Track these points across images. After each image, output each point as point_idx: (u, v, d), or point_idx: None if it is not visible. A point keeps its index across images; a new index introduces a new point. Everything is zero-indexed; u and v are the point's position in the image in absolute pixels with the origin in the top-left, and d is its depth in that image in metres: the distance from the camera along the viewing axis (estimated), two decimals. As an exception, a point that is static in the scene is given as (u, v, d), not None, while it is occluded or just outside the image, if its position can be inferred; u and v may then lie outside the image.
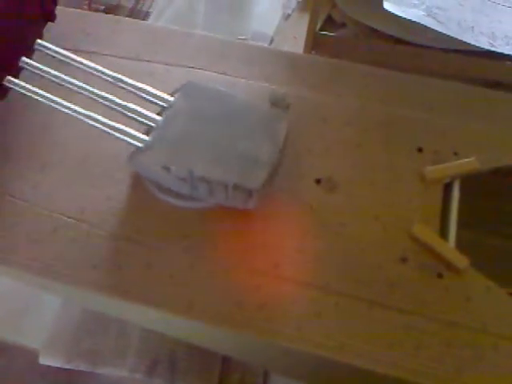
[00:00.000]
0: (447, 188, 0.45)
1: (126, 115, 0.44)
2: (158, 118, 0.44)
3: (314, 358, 0.40)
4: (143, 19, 0.91)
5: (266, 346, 0.41)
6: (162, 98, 0.45)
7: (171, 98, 0.45)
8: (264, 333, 0.39)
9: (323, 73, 0.54)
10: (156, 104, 0.45)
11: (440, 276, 0.40)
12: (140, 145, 0.42)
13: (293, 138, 0.48)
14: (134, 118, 0.44)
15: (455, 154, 0.46)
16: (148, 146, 0.42)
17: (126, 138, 0.43)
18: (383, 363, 0.38)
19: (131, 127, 0.44)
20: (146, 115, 0.44)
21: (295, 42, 0.86)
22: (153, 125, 0.43)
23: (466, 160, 0.45)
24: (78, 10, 0.58)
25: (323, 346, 0.38)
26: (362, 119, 0.50)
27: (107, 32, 0.55)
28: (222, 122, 0.42)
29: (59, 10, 0.54)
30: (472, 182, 0.46)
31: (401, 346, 0.38)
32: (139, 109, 0.44)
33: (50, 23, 0.53)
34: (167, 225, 0.42)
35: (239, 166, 0.40)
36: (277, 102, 0.43)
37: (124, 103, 0.45)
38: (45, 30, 0.52)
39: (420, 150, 0.47)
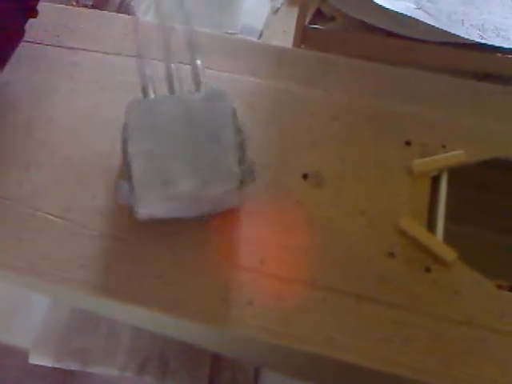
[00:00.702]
0: (435, 181, 0.45)
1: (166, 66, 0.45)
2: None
3: (303, 354, 0.39)
4: (132, 13, 0.90)
5: (254, 342, 0.41)
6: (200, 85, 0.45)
7: (203, 91, 0.44)
8: (251, 329, 0.39)
9: (311, 67, 0.54)
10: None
11: (428, 270, 0.40)
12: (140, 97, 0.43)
13: (280, 132, 0.48)
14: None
15: (443, 146, 0.46)
16: (135, 103, 0.42)
17: (143, 81, 0.44)
18: (372, 358, 0.38)
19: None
20: (173, 81, 0.44)
21: (284, 35, 0.86)
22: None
23: (454, 153, 0.45)
24: (61, 6, 0.57)
25: (311, 342, 0.38)
26: (350, 113, 0.50)
27: (91, 27, 0.55)
28: (193, 142, 0.41)
29: (42, 5, 0.53)
30: (460, 175, 0.45)
31: (389, 340, 0.38)
32: (174, 73, 0.45)
33: (32, 19, 0.52)
34: (153, 223, 0.42)
35: (157, 173, 0.39)
36: (244, 174, 0.40)
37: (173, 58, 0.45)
38: (27, 25, 0.52)
39: (408, 143, 0.47)
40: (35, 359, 0.58)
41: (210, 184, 0.39)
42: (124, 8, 0.90)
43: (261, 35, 0.88)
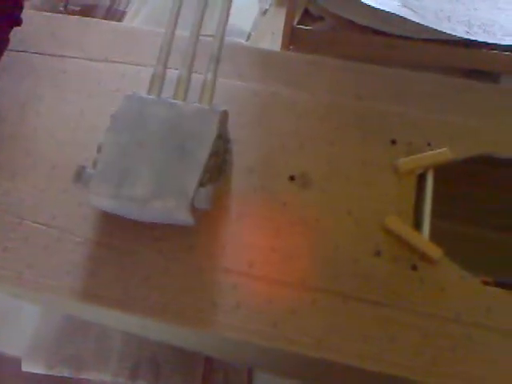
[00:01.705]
0: (421, 179, 0.45)
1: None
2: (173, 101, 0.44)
3: (293, 355, 0.40)
4: (120, 19, 0.90)
5: (244, 345, 0.41)
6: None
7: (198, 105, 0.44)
8: (240, 332, 0.39)
9: (297, 69, 0.54)
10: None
11: (414, 268, 0.40)
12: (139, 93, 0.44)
13: (267, 135, 0.48)
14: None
15: (428, 144, 0.46)
16: (131, 97, 0.44)
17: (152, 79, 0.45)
18: (360, 357, 0.38)
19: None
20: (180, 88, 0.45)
21: (273, 37, 0.86)
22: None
23: (439, 150, 0.45)
24: (46, 13, 0.57)
25: (301, 343, 0.38)
26: (337, 114, 0.50)
27: (76, 34, 0.55)
28: (166, 152, 0.41)
29: (27, 13, 0.53)
30: (449, 172, 0.46)
31: (377, 339, 0.38)
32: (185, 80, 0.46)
33: (17, 28, 0.52)
34: (140, 228, 0.42)
35: (118, 170, 0.40)
36: (198, 197, 0.40)
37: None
38: (12, 34, 0.52)
39: (393, 142, 0.47)
40: (28, 367, 0.59)
41: (160, 198, 0.39)
42: (112, 13, 0.90)
43: (249, 37, 0.88)
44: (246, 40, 0.86)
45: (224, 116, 0.44)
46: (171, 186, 0.39)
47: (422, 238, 0.41)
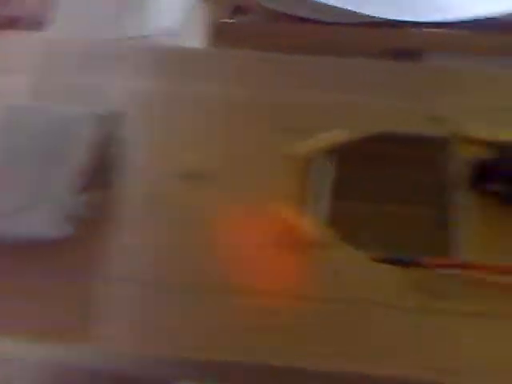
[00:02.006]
0: (319, 162, 0.45)
1: None
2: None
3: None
4: (43, 29, 0.89)
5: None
6: None
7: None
8: (121, 344, 0.36)
9: (206, 64, 0.54)
10: None
11: (307, 253, 0.39)
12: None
13: (165, 134, 0.47)
14: None
15: (325, 128, 0.46)
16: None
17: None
18: (255, 353, 0.35)
19: None
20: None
21: (201, 33, 0.85)
22: None
23: (333, 132, 0.44)
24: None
25: (175, 347, 0.36)
26: (246, 108, 0.49)
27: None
28: (45, 159, 0.39)
29: None
30: (346, 153, 0.45)
31: (273, 330, 0.36)
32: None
33: None
34: (19, 247, 0.38)
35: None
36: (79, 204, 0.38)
37: None
38: None
39: (290, 129, 0.46)
40: None
41: (33, 209, 0.36)
42: (36, 24, 0.89)
43: (178, 35, 0.87)
44: (174, 38, 0.86)
45: (109, 119, 0.43)
46: (45, 195, 0.37)
47: (311, 223, 0.40)
